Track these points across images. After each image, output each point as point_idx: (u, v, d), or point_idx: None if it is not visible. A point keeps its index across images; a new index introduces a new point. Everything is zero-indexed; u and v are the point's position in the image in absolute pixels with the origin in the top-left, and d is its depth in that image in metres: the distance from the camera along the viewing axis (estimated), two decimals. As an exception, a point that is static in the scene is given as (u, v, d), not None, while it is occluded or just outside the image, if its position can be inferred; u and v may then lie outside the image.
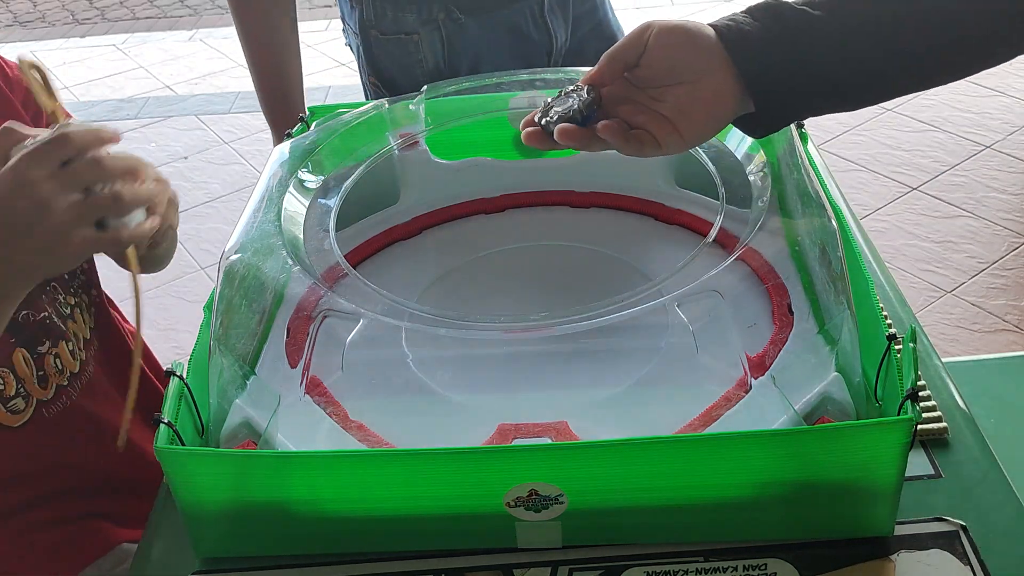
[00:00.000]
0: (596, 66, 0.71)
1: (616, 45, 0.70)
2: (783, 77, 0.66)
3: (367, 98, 1.27)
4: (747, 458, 0.59)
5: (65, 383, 0.81)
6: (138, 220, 0.61)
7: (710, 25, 0.67)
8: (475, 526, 0.63)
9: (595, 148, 0.69)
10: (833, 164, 2.36)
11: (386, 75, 1.23)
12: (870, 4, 0.66)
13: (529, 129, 0.71)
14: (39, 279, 0.61)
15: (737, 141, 0.88)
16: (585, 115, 0.69)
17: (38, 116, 0.82)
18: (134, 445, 0.70)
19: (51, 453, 0.82)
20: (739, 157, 0.86)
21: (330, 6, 4.14)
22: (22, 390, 0.78)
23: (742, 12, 0.67)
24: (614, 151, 0.69)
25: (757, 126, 0.70)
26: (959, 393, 0.72)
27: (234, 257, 0.76)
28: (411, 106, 0.96)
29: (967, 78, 0.70)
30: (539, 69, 1.04)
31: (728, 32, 0.66)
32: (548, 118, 0.70)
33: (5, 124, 0.60)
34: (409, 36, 1.17)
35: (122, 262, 0.63)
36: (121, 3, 4.46)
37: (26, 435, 0.79)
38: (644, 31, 0.68)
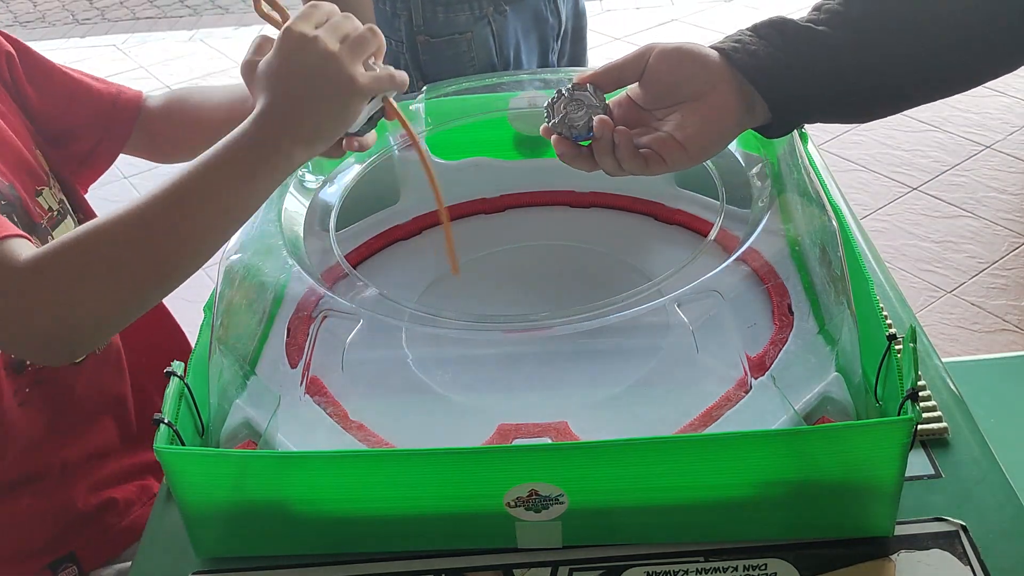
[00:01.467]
0: (592, 71, 0.71)
1: (614, 61, 0.70)
2: (795, 90, 0.67)
3: None
4: (747, 458, 0.59)
5: None
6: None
7: (712, 47, 0.68)
8: (475, 526, 0.63)
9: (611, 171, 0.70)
10: (833, 164, 2.36)
11: (436, 78, 1.24)
12: (872, 16, 0.66)
13: (565, 149, 0.71)
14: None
15: (737, 141, 0.88)
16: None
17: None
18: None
19: (108, 389, 0.85)
20: (739, 157, 0.86)
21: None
22: None
23: (745, 32, 0.68)
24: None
25: (771, 130, 0.70)
26: (959, 393, 0.72)
27: (234, 257, 0.76)
28: (411, 106, 0.96)
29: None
30: (539, 69, 1.04)
31: (735, 53, 0.67)
32: (574, 129, 0.70)
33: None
34: (462, 35, 1.19)
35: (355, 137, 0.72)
36: (121, 3, 4.46)
37: (86, 371, 0.82)
38: (645, 52, 0.69)
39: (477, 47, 1.20)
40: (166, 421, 0.61)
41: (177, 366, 0.65)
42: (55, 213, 0.81)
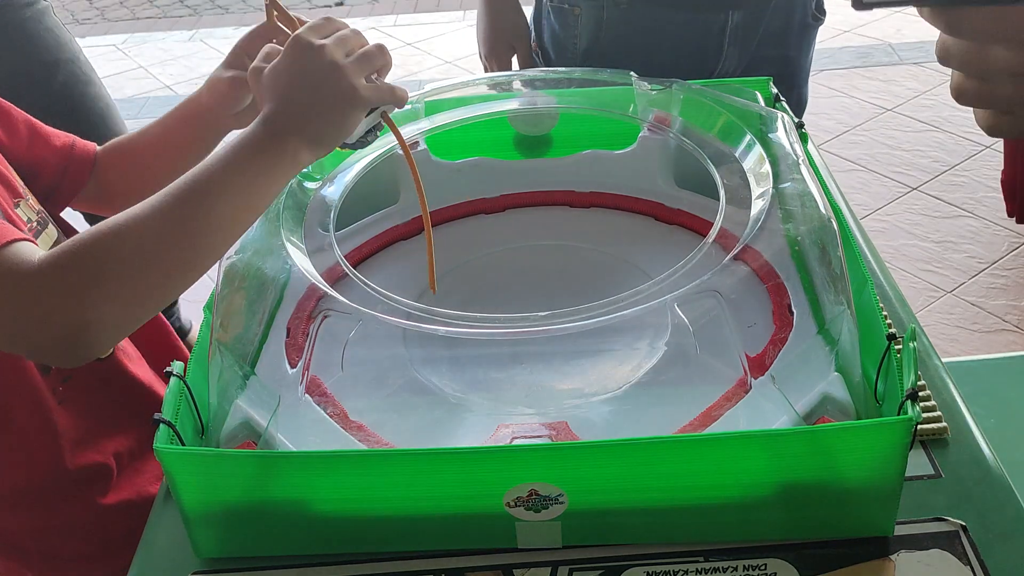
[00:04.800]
0: None
1: None
2: None
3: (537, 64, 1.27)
4: (747, 458, 0.59)
5: None
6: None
7: None
8: (475, 526, 0.63)
9: None
10: (833, 164, 2.36)
11: (545, 44, 1.22)
12: None
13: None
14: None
15: (736, 141, 0.88)
16: None
17: None
18: None
19: (137, 377, 0.86)
20: (739, 157, 0.86)
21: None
22: None
23: None
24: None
25: None
26: (959, 393, 0.72)
27: (234, 257, 0.76)
28: (411, 105, 0.96)
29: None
30: (540, 69, 1.03)
31: None
32: None
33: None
34: (570, 8, 1.17)
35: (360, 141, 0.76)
36: (121, 3, 4.46)
37: (114, 364, 0.83)
38: None
39: (582, 26, 1.16)
40: (166, 421, 0.61)
41: (177, 365, 0.65)
42: (35, 224, 0.81)
